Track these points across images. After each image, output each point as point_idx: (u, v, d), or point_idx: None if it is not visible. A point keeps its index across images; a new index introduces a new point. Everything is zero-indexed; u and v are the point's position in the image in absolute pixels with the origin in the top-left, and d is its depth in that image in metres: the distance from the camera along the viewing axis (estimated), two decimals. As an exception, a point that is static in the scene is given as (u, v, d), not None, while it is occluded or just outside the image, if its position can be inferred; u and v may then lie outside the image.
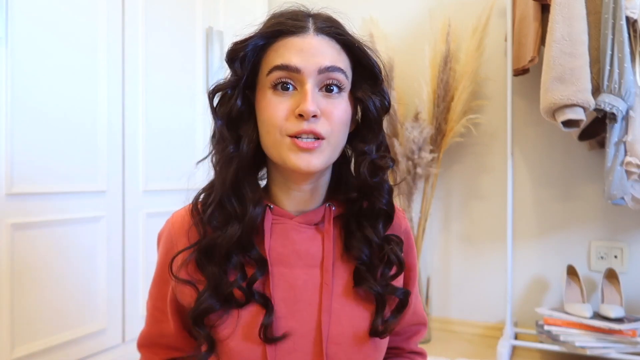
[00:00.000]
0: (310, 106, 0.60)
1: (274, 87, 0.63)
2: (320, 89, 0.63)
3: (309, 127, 0.61)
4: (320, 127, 0.61)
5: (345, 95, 0.65)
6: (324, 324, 0.65)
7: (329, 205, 0.70)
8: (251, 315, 0.64)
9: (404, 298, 0.69)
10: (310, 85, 0.61)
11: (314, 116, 0.61)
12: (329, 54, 0.63)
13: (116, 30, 1.56)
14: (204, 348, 0.65)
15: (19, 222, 1.29)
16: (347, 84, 0.65)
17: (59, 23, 1.39)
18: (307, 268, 0.67)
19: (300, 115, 0.60)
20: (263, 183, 0.72)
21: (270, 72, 0.62)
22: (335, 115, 0.63)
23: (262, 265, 0.65)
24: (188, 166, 0.69)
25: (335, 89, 0.63)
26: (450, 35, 1.96)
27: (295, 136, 0.61)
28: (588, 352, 1.56)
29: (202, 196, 0.69)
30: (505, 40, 1.82)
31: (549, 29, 1.47)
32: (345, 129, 0.65)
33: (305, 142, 0.61)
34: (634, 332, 1.53)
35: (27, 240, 1.31)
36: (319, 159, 0.62)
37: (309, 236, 0.68)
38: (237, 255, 0.65)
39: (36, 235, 1.33)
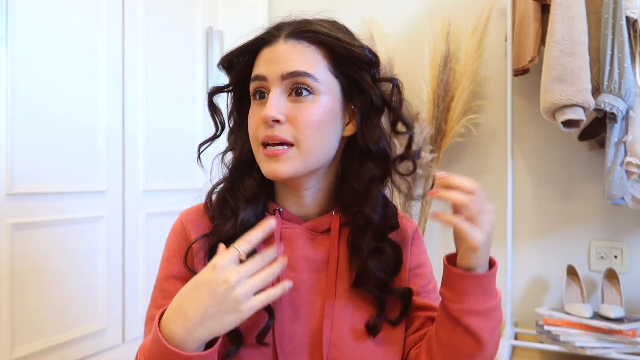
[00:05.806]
0: (268, 111, 0.60)
1: (254, 96, 0.65)
2: (290, 94, 0.62)
3: (271, 132, 0.61)
4: (283, 132, 0.61)
5: (320, 98, 0.62)
6: (326, 329, 0.65)
7: (335, 212, 0.70)
8: (258, 316, 0.62)
9: (403, 297, 0.69)
10: (273, 92, 0.62)
11: (277, 121, 0.61)
12: (294, 58, 0.62)
13: (116, 30, 1.56)
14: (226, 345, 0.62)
15: (19, 222, 1.29)
16: (320, 86, 0.62)
17: (59, 23, 1.39)
18: (312, 273, 0.67)
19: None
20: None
21: (250, 84, 0.65)
22: (301, 119, 0.61)
23: None
24: (188, 166, 0.71)
25: (305, 92, 0.62)
26: (450, 35, 1.96)
27: (264, 143, 0.62)
28: (588, 352, 1.56)
29: (216, 189, 0.71)
30: (505, 40, 1.82)
31: (549, 29, 1.47)
32: (322, 132, 0.63)
33: (270, 149, 0.61)
34: (634, 332, 1.53)
35: (27, 240, 1.31)
36: (287, 165, 0.61)
37: (317, 243, 0.68)
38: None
39: (36, 235, 1.33)
